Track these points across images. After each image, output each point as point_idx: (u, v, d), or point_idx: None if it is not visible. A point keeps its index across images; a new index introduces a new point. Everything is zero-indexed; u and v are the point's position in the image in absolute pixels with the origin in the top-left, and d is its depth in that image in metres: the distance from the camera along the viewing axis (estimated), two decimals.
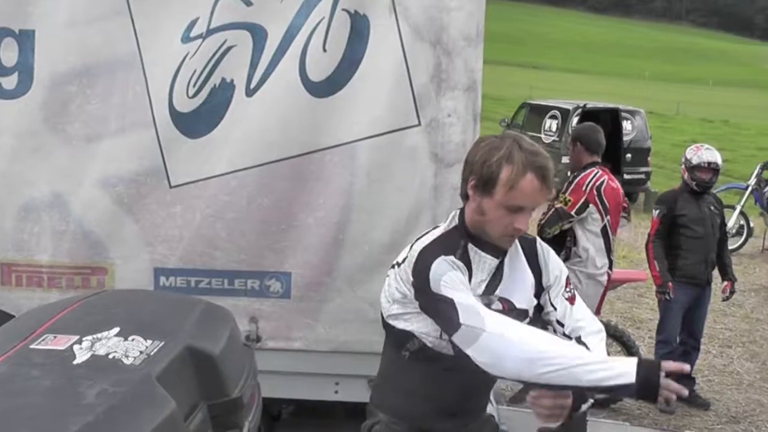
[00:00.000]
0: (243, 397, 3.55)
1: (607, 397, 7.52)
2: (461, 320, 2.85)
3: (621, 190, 6.66)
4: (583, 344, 3.13)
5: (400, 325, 3.18)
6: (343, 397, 4.89)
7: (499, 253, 3.14)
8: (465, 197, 3.11)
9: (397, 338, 3.23)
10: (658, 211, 7.80)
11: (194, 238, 4.77)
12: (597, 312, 6.87)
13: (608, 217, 6.64)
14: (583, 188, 6.63)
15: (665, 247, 7.68)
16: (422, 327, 3.10)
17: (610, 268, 6.84)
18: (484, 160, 3.00)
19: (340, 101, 4.49)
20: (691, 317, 7.82)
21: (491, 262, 3.13)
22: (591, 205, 6.59)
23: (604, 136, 6.94)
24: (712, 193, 7.98)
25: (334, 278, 4.66)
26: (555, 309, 3.24)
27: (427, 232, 3.21)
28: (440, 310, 2.93)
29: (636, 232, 15.68)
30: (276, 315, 4.76)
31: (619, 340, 7.54)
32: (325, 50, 4.49)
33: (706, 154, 7.75)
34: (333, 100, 4.50)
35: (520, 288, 3.21)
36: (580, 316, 3.26)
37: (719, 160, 7.81)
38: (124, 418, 2.74)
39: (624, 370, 2.73)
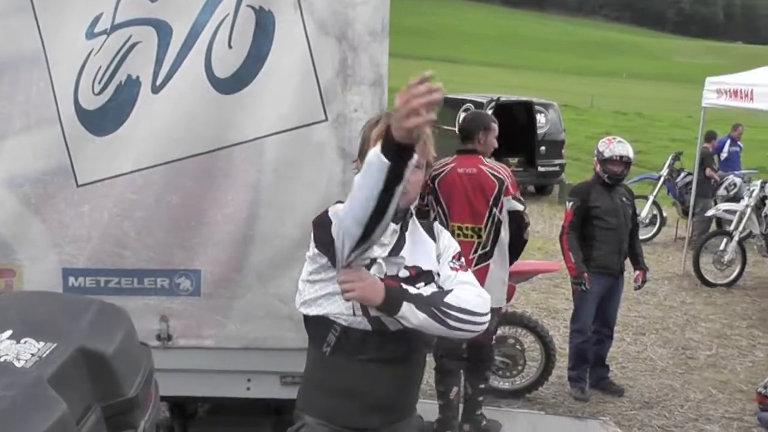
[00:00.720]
0: (138, 397, 3.49)
1: (523, 387, 7.65)
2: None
3: (484, 175, 6.28)
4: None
5: (313, 311, 3.23)
6: (255, 393, 4.86)
7: (398, 219, 3.23)
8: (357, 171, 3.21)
9: (315, 331, 3.27)
10: (571, 203, 7.89)
11: (103, 237, 4.68)
12: None
13: (439, 207, 6.37)
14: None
15: (579, 239, 7.79)
16: (335, 308, 3.18)
17: None
18: (362, 134, 3.36)
19: (247, 97, 4.45)
20: (604, 306, 7.94)
21: (392, 226, 3.21)
22: (428, 196, 6.39)
23: (484, 122, 6.61)
24: (624, 185, 8.10)
25: (243, 275, 4.62)
26: (438, 276, 3.33)
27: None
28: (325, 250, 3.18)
29: (551, 223, 15.91)
30: (186, 313, 4.71)
31: (533, 331, 7.65)
32: (230, 46, 4.45)
33: (618, 147, 7.86)
34: (239, 97, 4.46)
35: (422, 251, 3.34)
36: (461, 281, 3.30)
37: (631, 153, 7.93)
38: (12, 422, 2.69)
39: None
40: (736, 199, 14.21)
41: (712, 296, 12.28)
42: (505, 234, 6.35)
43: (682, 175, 15.94)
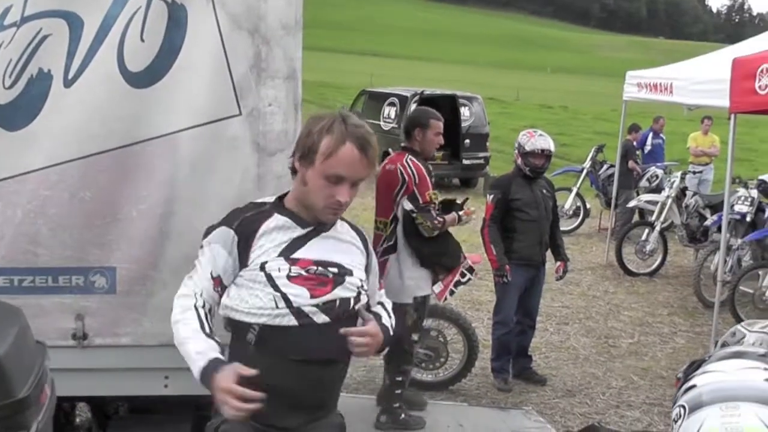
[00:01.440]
0: (30, 397, 3.43)
1: (446, 379, 7.69)
2: (189, 275, 3.33)
3: (395, 172, 6.43)
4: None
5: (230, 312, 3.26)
6: (173, 390, 4.80)
7: (308, 225, 3.28)
8: (292, 171, 3.28)
9: (235, 327, 3.27)
10: (492, 196, 7.96)
11: (16, 235, 4.58)
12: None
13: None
14: None
15: (500, 231, 7.85)
16: (257, 302, 3.21)
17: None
18: (308, 131, 3.19)
19: (160, 92, 4.39)
20: (526, 298, 8.03)
21: (295, 230, 3.27)
22: None
23: (419, 120, 6.71)
24: (545, 177, 8.17)
25: (159, 271, 4.55)
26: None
27: None
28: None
29: (476, 216, 16.00)
30: (102, 311, 4.62)
31: (456, 323, 7.70)
32: (143, 40, 4.38)
33: (539, 140, 7.92)
34: (153, 91, 4.39)
35: (344, 250, 3.37)
36: (382, 298, 3.62)
37: (552, 146, 8.01)
38: None
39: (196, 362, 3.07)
40: (658, 190, 14.45)
41: (634, 285, 12.49)
42: (407, 230, 6.49)
43: (605, 167, 16.17)
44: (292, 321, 3.16)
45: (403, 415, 6.72)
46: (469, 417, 7.08)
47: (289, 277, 3.19)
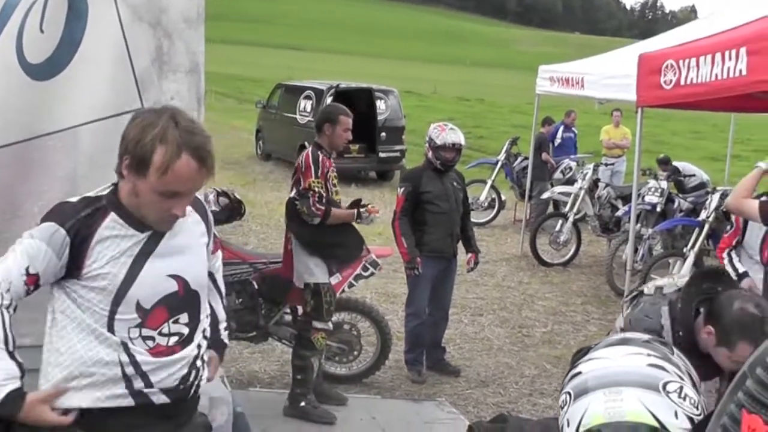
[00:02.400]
0: None
1: (360, 372, 7.70)
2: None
3: (297, 164, 6.78)
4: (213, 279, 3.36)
5: None
6: None
7: (147, 229, 2.99)
8: (120, 175, 2.95)
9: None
10: (402, 189, 8.00)
11: None
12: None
13: None
14: None
15: (411, 224, 7.89)
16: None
17: None
18: (138, 138, 2.83)
19: (61, 84, 4.29)
20: (438, 289, 8.08)
21: (133, 237, 2.97)
22: None
23: (328, 116, 6.98)
24: (455, 169, 8.22)
25: None
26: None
27: None
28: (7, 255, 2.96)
29: (392, 209, 16.04)
30: None
31: (368, 316, 7.71)
32: (42, 31, 4.27)
33: (449, 135, 7.98)
34: (53, 83, 4.29)
35: (193, 261, 3.13)
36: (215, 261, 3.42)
37: (462, 140, 8.08)
38: None
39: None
40: (572, 182, 14.64)
41: (548, 275, 12.65)
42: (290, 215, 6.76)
43: (519, 159, 16.35)
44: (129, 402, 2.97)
45: (303, 403, 6.78)
46: (382, 409, 7.10)
47: (138, 339, 2.98)
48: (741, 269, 7.09)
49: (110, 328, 2.92)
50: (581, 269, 13.21)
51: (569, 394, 1.89)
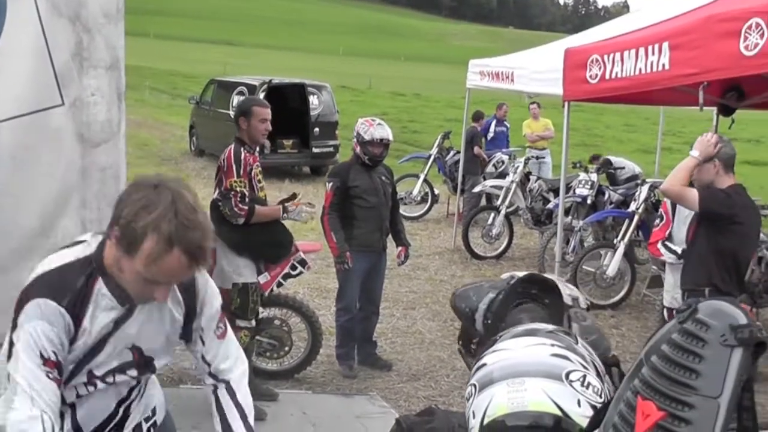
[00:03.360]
0: None
1: (291, 368, 7.69)
2: (13, 374, 2.65)
3: (219, 161, 6.74)
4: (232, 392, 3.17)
5: None
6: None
7: (127, 301, 2.86)
8: (107, 237, 2.77)
9: None
10: (331, 184, 7.98)
11: None
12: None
13: None
14: None
15: (341, 218, 7.89)
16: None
17: None
18: (131, 219, 2.62)
19: None
20: (369, 284, 8.10)
21: (116, 310, 2.86)
22: None
23: (243, 108, 6.98)
24: (383, 164, 8.23)
25: None
26: (203, 344, 3.12)
27: (62, 248, 2.90)
28: (10, 347, 2.71)
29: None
30: None
31: (299, 311, 7.70)
32: None
33: (377, 130, 7.99)
34: None
35: (154, 331, 3.01)
36: (227, 355, 3.17)
37: (390, 135, 8.10)
38: None
39: None
40: (504, 175, 14.76)
41: (481, 269, 12.73)
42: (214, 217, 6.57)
43: (452, 153, 16.40)
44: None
45: None
46: (313, 405, 7.10)
47: None
48: (679, 250, 7.25)
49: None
50: (513, 262, 13.32)
51: (474, 386, 1.91)
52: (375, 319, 8.33)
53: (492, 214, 13.42)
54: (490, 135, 17.69)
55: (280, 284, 7.06)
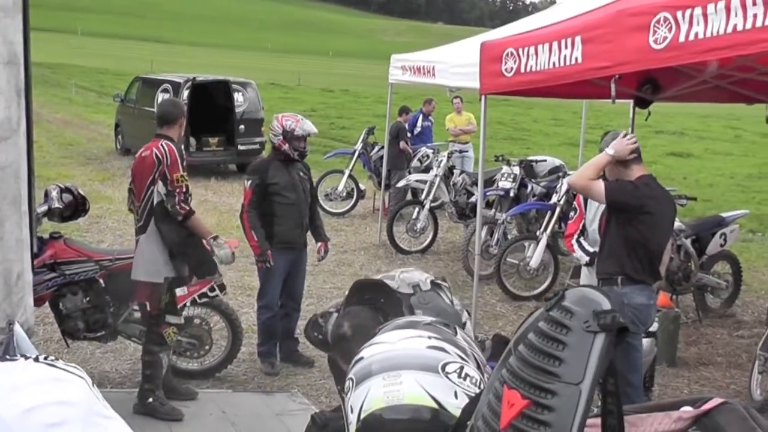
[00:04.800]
0: None
1: (212, 366, 7.64)
2: None
3: (150, 157, 6.62)
4: None
5: None
6: None
7: None
8: None
9: None
10: (250, 182, 7.93)
11: None
12: None
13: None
14: None
15: (260, 216, 7.85)
16: None
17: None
18: None
19: None
20: (290, 281, 8.08)
21: None
22: None
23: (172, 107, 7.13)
24: (301, 160, 8.21)
25: None
26: None
27: None
28: None
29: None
30: None
31: (218, 310, 7.66)
32: None
33: (306, 125, 8.07)
34: None
35: None
36: None
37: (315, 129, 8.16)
38: None
39: None
40: (429, 170, 14.80)
41: (406, 263, 12.74)
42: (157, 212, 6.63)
43: (376, 148, 16.41)
44: None
45: (150, 399, 6.73)
46: (233, 403, 7.07)
47: None
48: (591, 250, 7.34)
49: None
50: (439, 255, 13.38)
51: (352, 380, 1.90)
52: (296, 316, 8.31)
53: (417, 209, 13.46)
54: (417, 130, 17.74)
55: (194, 302, 7.05)
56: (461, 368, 1.85)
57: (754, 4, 5.07)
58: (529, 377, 1.50)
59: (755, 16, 5.09)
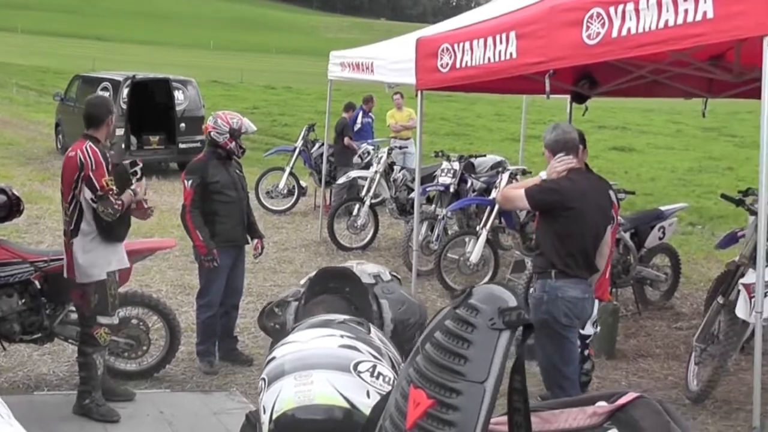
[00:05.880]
0: None
1: (150, 367, 7.57)
2: None
3: (74, 159, 6.51)
4: None
5: None
6: None
7: None
8: None
9: None
10: (191, 181, 7.84)
11: None
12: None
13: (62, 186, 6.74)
14: None
15: (202, 215, 7.78)
16: None
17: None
18: None
19: None
20: (230, 279, 8.02)
21: None
22: None
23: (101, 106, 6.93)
24: (235, 158, 8.16)
25: None
26: None
27: None
28: None
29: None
30: None
31: (155, 309, 7.60)
32: None
33: (249, 122, 8.07)
34: None
35: None
36: None
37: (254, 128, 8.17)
38: None
39: None
40: (369, 166, 14.79)
41: (347, 260, 12.65)
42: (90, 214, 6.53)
43: (317, 145, 16.33)
44: None
45: (87, 401, 6.67)
46: (170, 403, 7.00)
47: None
48: None
49: None
50: (380, 252, 13.36)
51: (264, 380, 1.88)
52: (235, 314, 8.26)
53: (357, 205, 13.43)
54: (357, 126, 17.71)
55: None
56: (374, 367, 1.84)
57: (685, 0, 5.15)
58: (435, 376, 1.49)
59: (686, 11, 5.19)
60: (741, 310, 6.90)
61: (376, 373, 1.85)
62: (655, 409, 1.74)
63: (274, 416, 1.82)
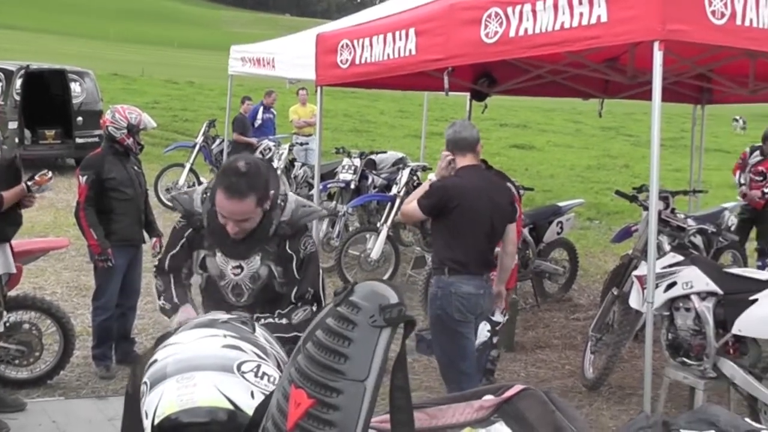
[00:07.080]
0: None
1: (43, 374, 7.31)
2: None
3: None
4: None
5: None
6: None
7: None
8: None
9: None
10: (86, 177, 7.59)
11: None
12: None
13: None
14: None
15: (97, 213, 7.59)
16: None
17: None
18: None
19: None
20: (126, 279, 7.85)
21: None
22: None
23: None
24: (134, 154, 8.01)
25: None
26: None
27: None
28: None
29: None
30: None
31: (48, 313, 7.35)
32: None
33: (148, 118, 7.90)
34: None
35: None
36: None
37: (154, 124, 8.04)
38: None
39: None
40: (271, 162, 14.71)
41: None
42: None
43: (218, 141, 16.20)
44: None
45: None
46: (64, 411, 6.73)
47: None
48: None
49: None
50: None
51: (146, 384, 1.83)
52: (132, 315, 8.07)
53: None
54: (258, 122, 17.60)
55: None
56: (258, 367, 1.81)
57: (581, 3, 5.27)
58: (315, 375, 1.47)
59: (581, 14, 5.29)
60: (634, 301, 7.09)
61: (260, 373, 1.82)
62: (541, 399, 1.75)
63: (155, 421, 1.77)
